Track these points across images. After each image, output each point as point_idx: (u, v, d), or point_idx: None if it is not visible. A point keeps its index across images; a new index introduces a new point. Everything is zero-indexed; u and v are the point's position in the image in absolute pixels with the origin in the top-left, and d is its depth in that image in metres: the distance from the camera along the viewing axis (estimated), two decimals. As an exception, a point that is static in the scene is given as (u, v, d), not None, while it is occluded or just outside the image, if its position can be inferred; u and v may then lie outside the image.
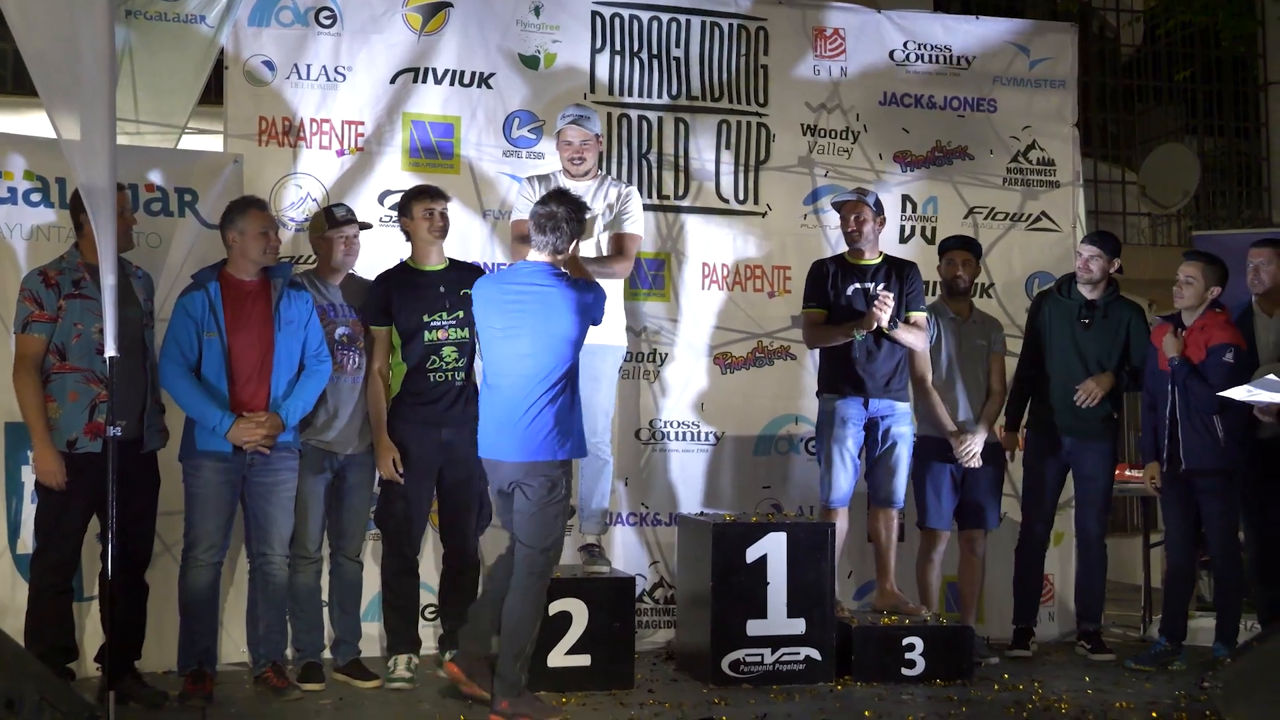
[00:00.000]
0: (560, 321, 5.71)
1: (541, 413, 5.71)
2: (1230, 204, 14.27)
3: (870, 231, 6.94)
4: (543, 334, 5.72)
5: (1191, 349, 6.89)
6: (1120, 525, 11.59)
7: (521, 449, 5.72)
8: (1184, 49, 14.23)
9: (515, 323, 5.75)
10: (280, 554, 6.17)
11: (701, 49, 7.68)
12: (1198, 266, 7.04)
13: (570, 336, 5.74)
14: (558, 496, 5.80)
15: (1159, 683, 6.67)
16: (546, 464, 5.73)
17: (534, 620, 5.78)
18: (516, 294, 5.80)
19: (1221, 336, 6.88)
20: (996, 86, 8.13)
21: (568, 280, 5.80)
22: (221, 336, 5.94)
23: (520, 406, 5.71)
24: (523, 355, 5.74)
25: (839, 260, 7.09)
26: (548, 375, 5.72)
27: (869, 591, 7.40)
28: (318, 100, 7.10)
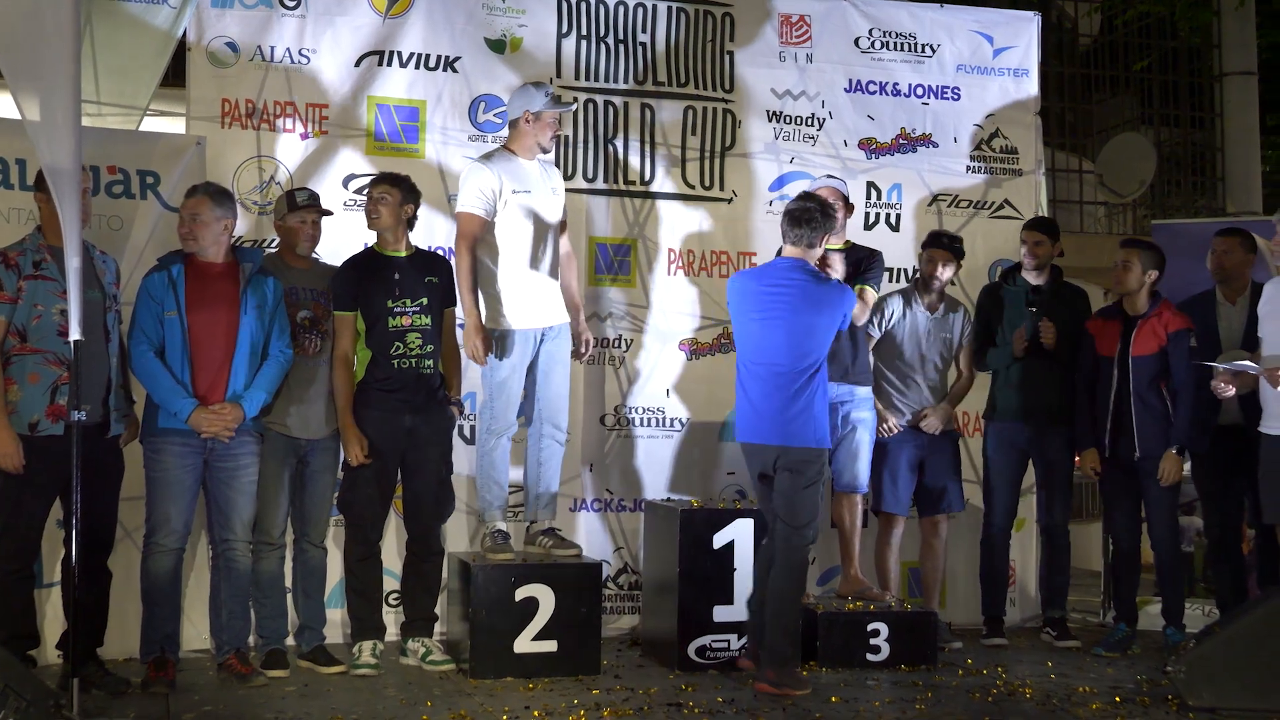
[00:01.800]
0: (819, 315, 6.10)
1: (801, 400, 6.07)
2: (1185, 194, 14.40)
3: (841, 219, 6.96)
4: (802, 326, 6.08)
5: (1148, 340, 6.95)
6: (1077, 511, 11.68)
7: (785, 434, 6.07)
8: (1141, 39, 14.35)
9: (774, 314, 6.10)
10: (243, 540, 6.13)
11: (668, 34, 7.67)
12: (1135, 253, 7.15)
13: (827, 330, 6.14)
14: (816, 479, 6.12)
15: (1121, 667, 6.73)
16: (808, 449, 6.08)
17: (798, 594, 6.16)
18: (775, 287, 6.15)
19: (1178, 323, 6.99)
20: (961, 74, 8.16)
21: (823, 277, 6.23)
22: (181, 316, 5.89)
23: (782, 394, 6.07)
24: (781, 346, 6.09)
25: None
26: (807, 365, 6.08)
27: (832, 577, 7.43)
28: (281, 83, 7.03)
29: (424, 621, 6.54)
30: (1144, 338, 7.01)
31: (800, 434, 6.08)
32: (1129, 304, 7.15)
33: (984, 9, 8.44)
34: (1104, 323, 7.22)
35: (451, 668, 6.34)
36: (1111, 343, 7.11)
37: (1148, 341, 6.99)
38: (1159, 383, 7.00)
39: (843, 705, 5.82)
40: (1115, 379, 7.06)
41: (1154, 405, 7.00)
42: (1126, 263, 7.12)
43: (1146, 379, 6.99)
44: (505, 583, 6.23)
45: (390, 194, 6.40)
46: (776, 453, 6.12)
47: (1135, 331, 7.05)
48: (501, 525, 6.57)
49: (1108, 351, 7.11)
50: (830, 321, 6.16)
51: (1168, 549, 7.20)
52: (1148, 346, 6.99)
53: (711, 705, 5.74)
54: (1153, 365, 6.98)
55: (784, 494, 6.12)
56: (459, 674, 6.27)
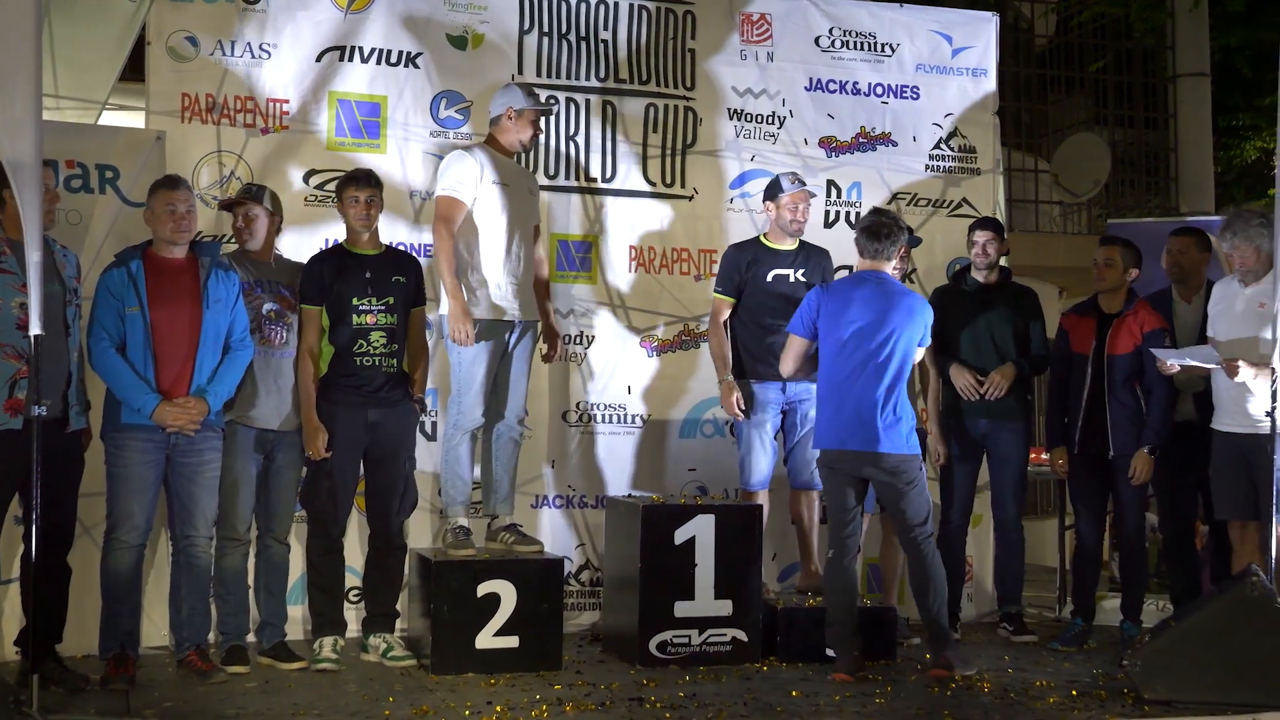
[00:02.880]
0: (907, 326, 6.32)
1: (896, 409, 6.28)
2: (1139, 193, 14.54)
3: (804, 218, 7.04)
4: (897, 337, 6.29)
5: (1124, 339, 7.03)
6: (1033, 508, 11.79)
7: (879, 441, 6.26)
8: (1096, 40, 14.50)
9: (870, 324, 6.30)
10: (204, 536, 6.11)
11: (629, 32, 7.69)
12: (1116, 250, 7.20)
13: (911, 340, 6.35)
14: (918, 478, 6.35)
15: (1077, 662, 6.80)
16: (903, 455, 6.31)
17: (938, 582, 6.35)
18: (871, 298, 6.34)
19: (1154, 322, 7.06)
20: (920, 74, 8.22)
21: (905, 289, 6.51)
22: (144, 311, 5.86)
23: (877, 403, 6.26)
24: (873, 355, 6.27)
25: (756, 245, 7.14)
26: (898, 375, 6.30)
27: (793, 573, 7.47)
28: (242, 77, 7.00)
29: (385, 617, 6.54)
30: (1120, 337, 7.07)
31: (893, 440, 6.28)
32: (1105, 302, 7.21)
33: (943, 9, 8.50)
34: (1078, 319, 7.29)
35: (413, 664, 6.34)
36: (1085, 340, 7.17)
37: (1124, 340, 7.05)
38: (1133, 382, 7.08)
39: (803, 700, 5.84)
40: (1089, 377, 7.13)
41: (1128, 404, 7.07)
42: (1110, 260, 7.17)
43: (1122, 378, 7.05)
44: (467, 579, 6.23)
45: (378, 196, 6.44)
46: (867, 459, 6.31)
47: (1111, 330, 7.11)
48: (463, 521, 6.57)
49: (1081, 349, 7.17)
50: (914, 333, 6.37)
51: (1134, 546, 7.29)
52: (1124, 345, 7.05)
53: (673, 700, 5.76)
54: (1129, 364, 7.05)
55: (892, 502, 6.41)
56: (420, 670, 6.27)
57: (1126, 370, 7.04)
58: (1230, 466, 6.51)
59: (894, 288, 6.45)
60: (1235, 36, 12.93)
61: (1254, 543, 6.44)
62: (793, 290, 6.98)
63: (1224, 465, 6.56)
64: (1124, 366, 7.04)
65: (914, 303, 6.44)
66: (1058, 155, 13.84)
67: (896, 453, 6.29)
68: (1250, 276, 6.52)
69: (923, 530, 6.38)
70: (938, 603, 6.34)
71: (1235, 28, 12.91)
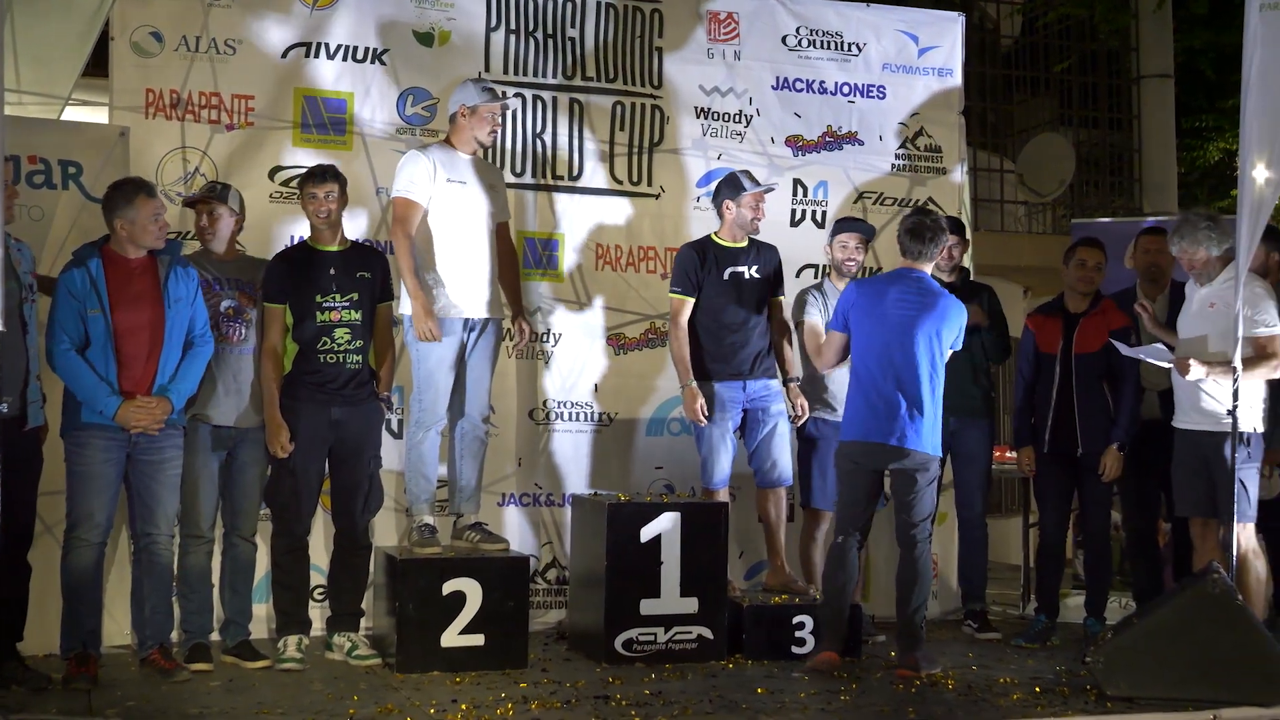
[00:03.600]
0: (943, 325, 6.36)
1: (925, 407, 6.31)
2: (1103, 194, 14.62)
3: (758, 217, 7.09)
4: (929, 335, 6.32)
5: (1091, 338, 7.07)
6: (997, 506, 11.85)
7: (909, 438, 6.31)
8: (1061, 41, 14.56)
9: (904, 322, 6.34)
10: (166, 534, 6.07)
11: (597, 30, 7.69)
12: (1098, 251, 7.29)
13: (947, 340, 6.39)
14: (935, 480, 6.43)
15: (1040, 658, 6.84)
16: (928, 455, 6.37)
17: (923, 581, 6.40)
18: (904, 296, 6.39)
19: (1121, 320, 7.13)
20: (886, 73, 8.24)
21: (942, 290, 6.49)
22: (105, 314, 5.82)
23: (906, 400, 6.30)
24: (910, 352, 6.31)
25: (710, 244, 7.13)
26: (931, 374, 6.33)
27: (759, 571, 7.48)
28: (207, 73, 6.97)
29: (350, 616, 6.52)
30: (1087, 335, 7.12)
31: (919, 438, 6.32)
32: (1073, 302, 7.26)
33: (909, 9, 8.53)
34: (1044, 319, 7.34)
35: (378, 662, 6.32)
36: (1053, 339, 7.22)
37: (1092, 339, 7.11)
38: (1101, 380, 7.12)
39: (768, 697, 5.86)
40: (1058, 376, 7.17)
41: (1097, 402, 7.13)
42: (1100, 265, 7.26)
43: (1090, 376, 7.10)
44: (432, 577, 6.22)
45: (339, 191, 6.40)
46: (893, 454, 6.35)
47: (1078, 329, 7.16)
48: (429, 519, 6.56)
49: (1049, 348, 7.21)
50: (950, 333, 6.41)
51: (1100, 543, 7.36)
52: (1092, 344, 7.10)
53: (639, 697, 5.77)
54: (1097, 363, 7.10)
55: (902, 495, 6.43)
56: (385, 668, 6.26)
57: (1094, 369, 7.09)
58: (1191, 465, 6.55)
59: (929, 287, 6.46)
60: (1199, 38, 13.01)
61: (1215, 540, 6.50)
62: (749, 288, 7.01)
63: (1185, 463, 6.60)
64: (1092, 365, 7.09)
65: (948, 304, 6.44)
66: (1023, 155, 13.91)
67: (921, 450, 6.34)
68: (1203, 278, 6.57)
69: (922, 529, 6.42)
70: (918, 601, 6.36)
71: (1198, 30, 12.99)
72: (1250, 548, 6.39)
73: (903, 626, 6.39)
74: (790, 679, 6.23)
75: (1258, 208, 6.28)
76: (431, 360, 6.47)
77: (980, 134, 13.87)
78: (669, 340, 7.19)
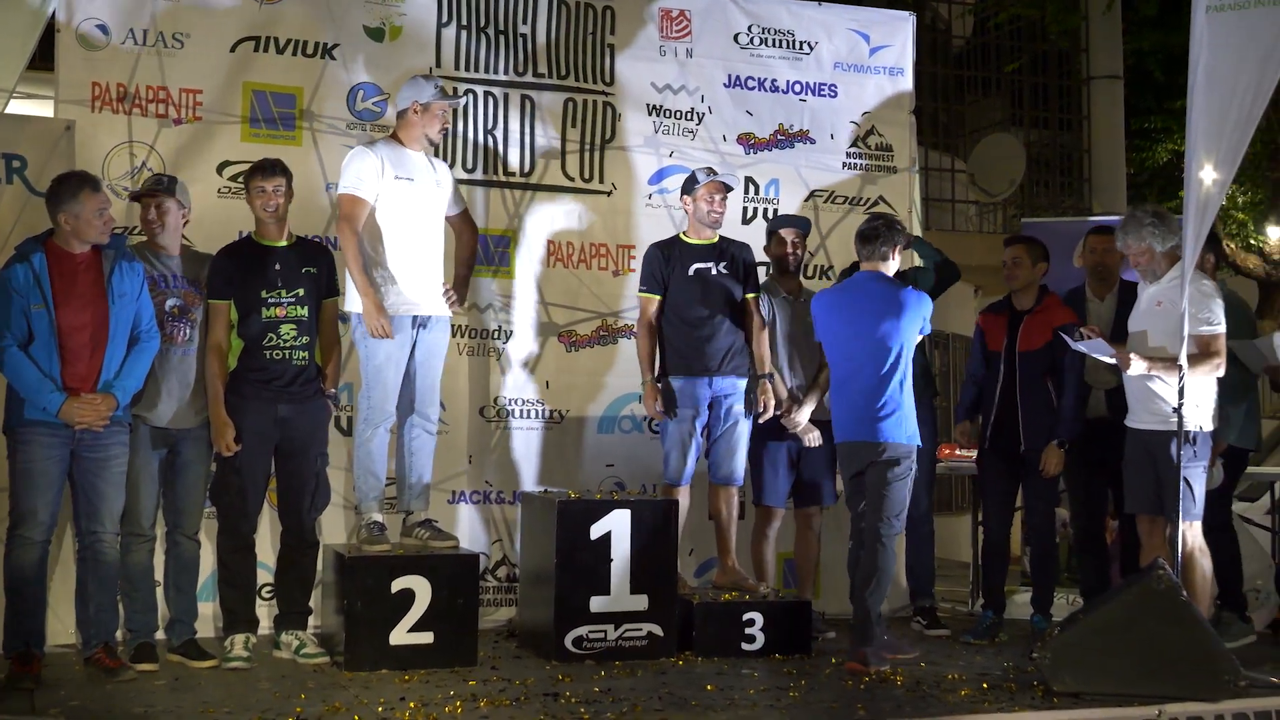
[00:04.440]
0: (897, 318, 6.43)
1: (888, 399, 6.40)
2: (1053, 193, 14.73)
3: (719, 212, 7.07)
4: (882, 330, 6.43)
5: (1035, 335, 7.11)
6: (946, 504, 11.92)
7: (877, 432, 6.41)
8: (1012, 42, 14.67)
9: (857, 322, 6.48)
10: (111, 532, 6.01)
11: (548, 26, 7.68)
12: (1021, 249, 7.34)
13: (906, 331, 6.46)
14: (906, 474, 6.44)
15: (988, 655, 6.87)
16: (899, 445, 6.42)
17: (883, 576, 6.43)
18: (856, 298, 6.57)
19: (1065, 317, 7.16)
20: (838, 72, 8.28)
21: (899, 285, 6.59)
22: (49, 309, 5.76)
23: (871, 396, 6.41)
24: (866, 350, 6.44)
25: (676, 243, 7.14)
26: (891, 366, 6.41)
27: (709, 569, 7.49)
28: (154, 67, 6.91)
29: (298, 615, 6.48)
30: (1031, 333, 7.17)
31: (890, 430, 6.40)
32: (1018, 299, 7.32)
33: (860, 8, 8.56)
34: (993, 318, 7.38)
35: (326, 661, 6.29)
36: (998, 337, 7.27)
37: (1036, 336, 7.15)
38: (1045, 377, 7.17)
39: (718, 693, 5.86)
40: (1002, 373, 7.21)
41: (1040, 399, 7.17)
42: (1017, 259, 7.30)
43: (1034, 373, 7.15)
44: (381, 574, 6.18)
45: (285, 185, 6.36)
46: (869, 449, 6.44)
47: (1022, 327, 7.20)
48: (378, 517, 6.52)
49: (995, 346, 7.26)
50: (908, 324, 6.47)
51: (1044, 539, 7.42)
52: (1036, 341, 7.15)
53: (588, 695, 5.75)
54: (1040, 360, 7.15)
55: (875, 487, 6.46)
56: (333, 667, 6.22)
57: (1038, 366, 7.14)
58: (1139, 462, 6.60)
59: (885, 284, 6.56)
60: (1148, 40, 13.12)
61: (1162, 537, 6.55)
62: (715, 284, 7.01)
63: (1133, 461, 6.65)
64: (1036, 362, 7.14)
65: (906, 296, 6.52)
66: (974, 155, 14.00)
67: (892, 441, 6.42)
68: (1149, 275, 6.63)
69: (889, 524, 6.45)
70: (875, 598, 6.40)
71: (1148, 32, 13.10)
72: (1196, 545, 6.45)
73: (858, 619, 6.44)
74: (740, 675, 6.24)
75: (1203, 208, 6.34)
76: (380, 357, 6.43)
77: (931, 134, 13.94)
78: (636, 337, 7.19)
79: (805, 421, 7.17)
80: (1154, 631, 5.86)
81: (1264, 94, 6.27)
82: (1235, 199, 12.89)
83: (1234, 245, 12.66)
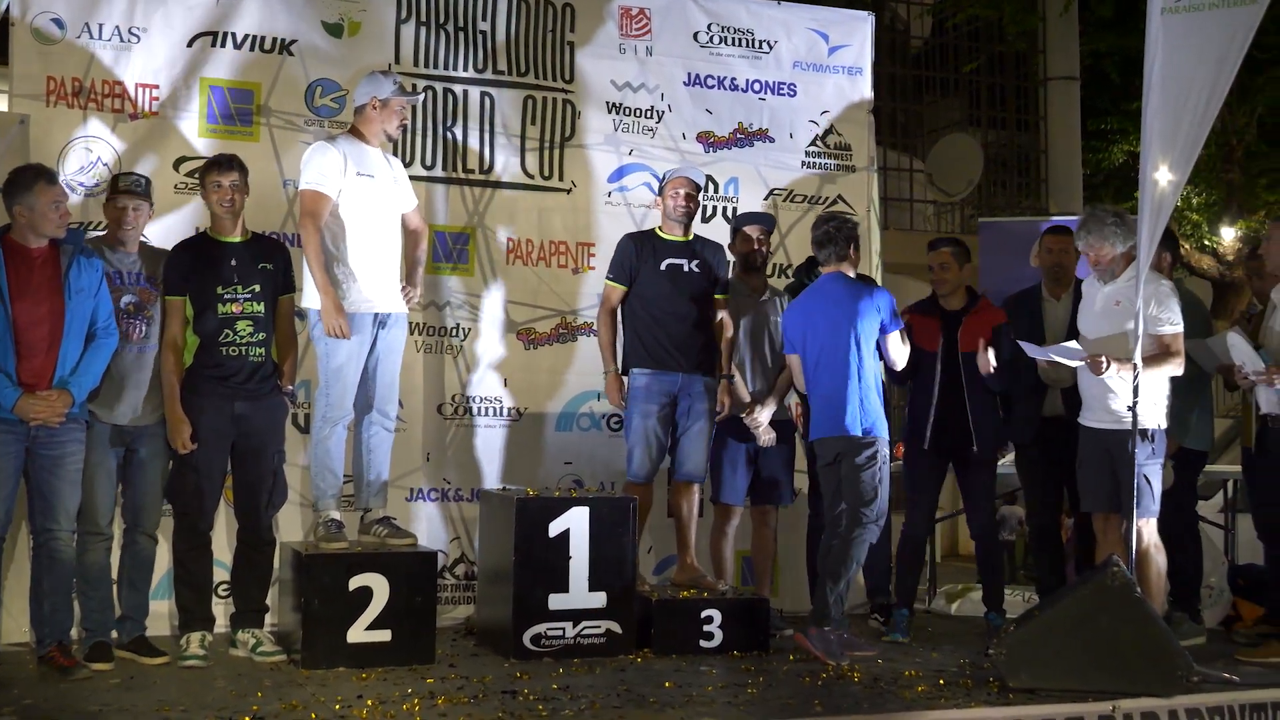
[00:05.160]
0: (856, 316, 6.65)
1: (848, 393, 6.61)
2: (1010, 194, 14.83)
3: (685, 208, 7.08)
4: (849, 328, 6.64)
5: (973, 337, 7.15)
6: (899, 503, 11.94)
7: (841, 425, 6.62)
8: (970, 43, 14.76)
9: (818, 322, 6.71)
10: (66, 530, 5.96)
11: (508, 23, 7.67)
12: (947, 252, 7.37)
13: (866, 327, 6.67)
14: (870, 463, 6.58)
15: (945, 652, 6.90)
16: (858, 437, 6.61)
17: (849, 564, 6.60)
18: (816, 299, 6.78)
19: (999, 317, 7.25)
20: (797, 71, 8.31)
21: (855, 283, 6.78)
22: (5, 304, 5.71)
23: (836, 391, 6.63)
24: (827, 348, 6.67)
25: (650, 236, 7.15)
26: (859, 363, 6.63)
27: (668, 566, 7.50)
28: (110, 61, 6.87)
29: (254, 613, 6.44)
30: (969, 334, 7.20)
31: (850, 423, 6.60)
32: (946, 300, 7.35)
33: (820, 8, 8.58)
34: (922, 318, 7.37)
35: (282, 659, 6.26)
36: (931, 338, 7.27)
37: (973, 338, 7.19)
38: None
39: (676, 690, 5.87)
40: (939, 374, 7.24)
41: (989, 401, 7.23)
42: (945, 264, 7.33)
43: (977, 374, 7.18)
44: (338, 572, 6.16)
45: (241, 180, 6.33)
46: (833, 444, 6.68)
47: (961, 328, 7.23)
48: (335, 514, 6.50)
49: (928, 345, 7.27)
50: (863, 320, 6.67)
51: (990, 538, 7.47)
52: (974, 343, 7.18)
53: (546, 692, 5.75)
54: None
55: (846, 479, 6.65)
56: (290, 665, 6.19)
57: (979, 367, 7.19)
58: (1095, 461, 6.66)
59: (844, 285, 6.74)
60: (1104, 42, 13.22)
61: (1116, 535, 6.61)
62: (686, 281, 7.02)
63: (1089, 459, 6.71)
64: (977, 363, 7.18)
65: (860, 295, 6.70)
66: (932, 155, 14.08)
67: (854, 434, 6.60)
68: (1107, 275, 6.67)
69: (859, 514, 6.57)
70: (833, 582, 6.55)
71: (1104, 33, 13.20)
72: (1152, 542, 6.51)
73: (816, 602, 6.61)
74: (698, 672, 6.25)
75: (1158, 208, 6.39)
76: (340, 355, 6.40)
77: (890, 133, 14.01)
78: (598, 326, 7.19)
79: (766, 423, 7.18)
80: (1108, 628, 5.91)
81: (1218, 95, 6.33)
82: (1190, 200, 13.02)
83: (1189, 246, 12.77)
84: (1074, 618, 5.98)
